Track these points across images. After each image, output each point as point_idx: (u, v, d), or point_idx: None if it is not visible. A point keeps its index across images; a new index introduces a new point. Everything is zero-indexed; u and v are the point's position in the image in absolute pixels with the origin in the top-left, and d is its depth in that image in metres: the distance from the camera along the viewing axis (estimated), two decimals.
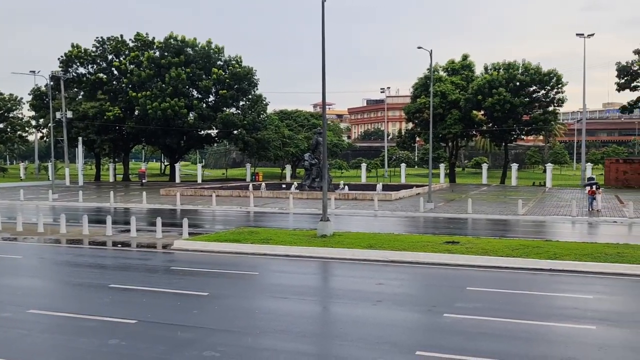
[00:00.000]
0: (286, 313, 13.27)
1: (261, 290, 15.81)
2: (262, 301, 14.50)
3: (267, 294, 15.26)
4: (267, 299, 14.69)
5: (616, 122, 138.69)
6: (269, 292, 15.46)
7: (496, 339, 11.29)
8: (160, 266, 19.63)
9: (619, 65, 60.39)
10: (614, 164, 59.29)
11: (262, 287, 16.39)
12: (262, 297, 14.93)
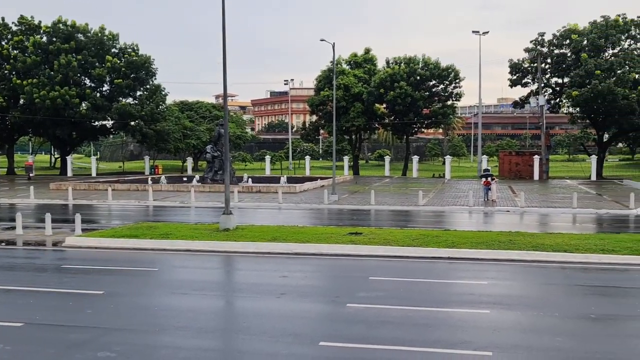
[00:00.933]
0: (187, 309, 13.02)
1: (160, 287, 15.39)
2: (162, 298, 14.13)
3: (166, 291, 14.88)
4: (166, 296, 14.33)
5: (509, 116, 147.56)
6: (169, 289, 15.09)
7: (397, 327, 11.69)
8: (50, 265, 18.59)
9: (511, 63, 64.25)
10: (507, 156, 63.10)
11: (161, 283, 15.96)
12: (162, 294, 14.54)
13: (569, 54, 61.88)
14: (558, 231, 23.37)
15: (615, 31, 59.36)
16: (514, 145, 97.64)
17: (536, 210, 32.42)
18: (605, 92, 54.05)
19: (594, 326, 11.88)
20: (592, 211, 31.77)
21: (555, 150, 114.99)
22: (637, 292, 14.57)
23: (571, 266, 17.42)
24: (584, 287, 15.25)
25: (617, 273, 16.64)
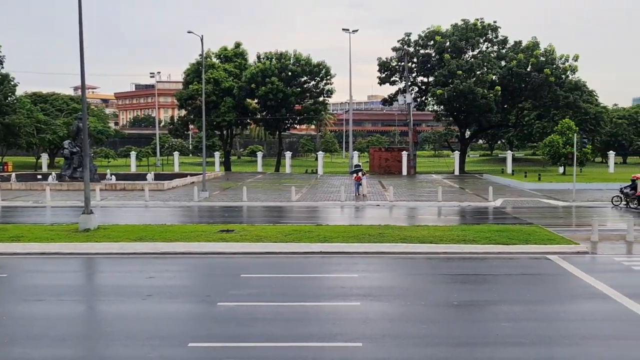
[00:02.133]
0: (42, 316, 12.15)
1: (10, 294, 14.21)
2: (12, 305, 13.06)
3: (18, 298, 13.78)
4: (18, 303, 13.27)
5: (379, 113, 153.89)
6: (21, 295, 13.99)
7: (269, 323, 11.73)
8: None
9: (380, 61, 66.91)
10: (377, 152, 65.77)
11: (11, 290, 14.73)
12: (12, 301, 13.45)
13: (434, 54, 65.63)
14: (425, 224, 24.75)
15: (474, 34, 63.91)
16: (383, 141, 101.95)
17: (404, 204, 34.07)
18: (466, 91, 58.02)
19: (456, 312, 12.72)
20: (455, 204, 33.97)
21: (422, 147, 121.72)
22: (494, 279, 15.80)
23: (436, 256, 18.52)
24: (447, 276, 16.27)
25: (477, 262, 17.94)
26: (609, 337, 10.96)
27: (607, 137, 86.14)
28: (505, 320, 11.99)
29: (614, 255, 18.74)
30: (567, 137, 52.94)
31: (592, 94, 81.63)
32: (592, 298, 13.71)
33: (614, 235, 22.40)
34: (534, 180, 48.36)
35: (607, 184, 43.73)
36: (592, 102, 79.06)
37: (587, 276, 15.63)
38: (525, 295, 13.95)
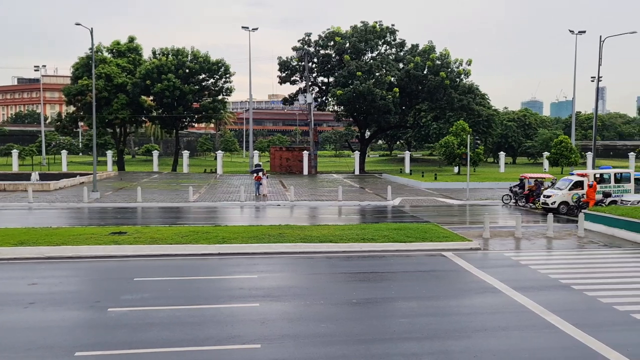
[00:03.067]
0: None
1: None
2: None
3: None
4: None
5: (280, 112, 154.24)
6: None
7: (165, 328, 11.38)
8: None
9: (280, 60, 67.06)
10: (278, 151, 65.84)
11: None
12: None
13: (334, 55, 66.67)
14: (325, 223, 25.06)
15: (373, 36, 65.57)
16: (284, 141, 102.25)
17: (306, 203, 34.31)
18: (365, 92, 59.38)
19: (355, 310, 12.94)
20: (355, 203, 34.67)
21: (323, 146, 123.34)
22: (392, 276, 16.23)
23: (336, 255, 18.77)
24: (347, 274, 16.54)
25: (376, 260, 18.37)
26: (498, 328, 11.57)
27: (498, 139, 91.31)
28: (402, 316, 12.35)
29: (503, 250, 19.84)
30: (461, 138, 55.55)
31: (485, 98, 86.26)
32: (484, 292, 14.42)
33: (504, 232, 23.73)
34: (430, 179, 50.30)
35: (498, 183, 46.34)
36: (485, 105, 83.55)
37: (479, 271, 16.44)
38: (422, 291, 14.45)
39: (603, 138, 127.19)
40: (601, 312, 12.63)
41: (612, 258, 18.75)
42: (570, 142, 62.69)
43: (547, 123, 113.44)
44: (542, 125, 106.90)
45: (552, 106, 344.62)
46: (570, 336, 11.04)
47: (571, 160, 60.74)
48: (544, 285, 14.98)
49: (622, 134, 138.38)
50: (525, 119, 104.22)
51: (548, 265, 17.51)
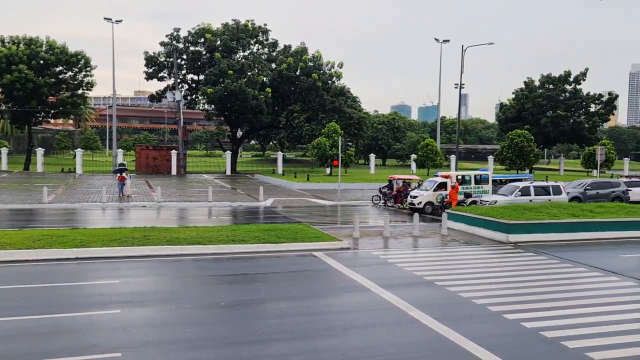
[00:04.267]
0: None
1: None
2: None
3: None
4: None
5: (147, 110, 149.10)
6: None
7: (11, 340, 10.55)
8: None
9: (147, 55, 64.93)
10: (145, 150, 63.61)
11: None
12: None
13: (204, 52, 65.67)
14: (194, 224, 24.56)
15: (245, 35, 65.41)
16: (152, 139, 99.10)
17: (173, 204, 33.42)
18: (237, 91, 59.06)
19: (224, 313, 12.78)
20: (227, 204, 34.31)
21: (194, 146, 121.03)
22: (262, 278, 16.22)
23: (205, 258, 18.44)
24: (216, 277, 16.29)
25: (246, 261, 18.27)
26: (366, 325, 11.93)
27: (369, 141, 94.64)
28: (272, 317, 12.37)
29: (372, 250, 20.55)
30: (333, 140, 56.91)
31: (356, 100, 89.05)
32: (353, 290, 14.82)
33: (373, 231, 24.60)
34: (303, 180, 51.04)
35: (369, 184, 48.03)
36: (356, 107, 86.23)
37: (349, 270, 16.89)
38: (292, 292, 14.58)
39: (465, 142, 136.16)
40: (461, 306, 13.44)
41: (472, 255, 20.06)
42: (435, 145, 66.41)
43: (415, 127, 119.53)
44: (410, 128, 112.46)
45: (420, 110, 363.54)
46: (433, 330, 11.63)
47: (436, 162, 64.37)
48: (409, 282, 15.69)
49: (482, 138, 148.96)
50: (395, 122, 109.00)
51: (414, 263, 18.36)
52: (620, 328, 11.83)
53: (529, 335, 11.44)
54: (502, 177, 38.46)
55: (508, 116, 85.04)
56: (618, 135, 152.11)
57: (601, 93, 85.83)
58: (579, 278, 16.61)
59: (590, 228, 23.81)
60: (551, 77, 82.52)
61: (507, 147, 64.35)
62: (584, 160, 72.26)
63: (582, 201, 32.59)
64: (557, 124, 79.19)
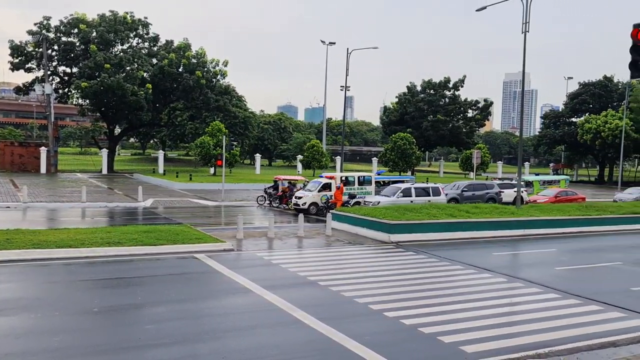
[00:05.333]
0: None
1: None
2: None
3: None
4: None
5: (13, 102, 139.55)
6: None
7: None
8: None
9: (12, 44, 60.84)
10: (10, 147, 59.60)
11: None
12: None
13: (78, 43, 62.62)
14: (65, 226, 23.31)
15: (123, 27, 63.09)
16: (18, 135, 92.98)
17: (42, 205, 31.54)
18: (114, 86, 56.82)
19: (97, 320, 12.21)
20: (102, 205, 32.87)
21: (66, 143, 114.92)
22: (140, 282, 15.69)
23: (77, 261, 17.53)
24: (88, 281, 15.53)
25: (122, 265, 17.57)
26: (248, 327, 11.87)
27: (255, 141, 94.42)
28: (149, 322, 11.99)
29: (256, 251, 20.51)
30: (217, 139, 56.26)
31: (242, 100, 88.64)
32: (235, 292, 14.70)
33: (258, 232, 24.56)
34: (185, 180, 50.04)
35: (254, 185, 47.96)
36: (242, 107, 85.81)
37: (232, 272, 16.74)
38: (171, 295, 14.21)
39: (351, 144, 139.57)
40: (344, 306, 13.73)
41: (355, 255, 20.57)
42: (321, 147, 67.53)
43: (301, 127, 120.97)
44: (296, 129, 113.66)
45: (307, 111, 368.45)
46: (315, 330, 11.78)
47: (322, 163, 65.48)
48: (293, 283, 15.81)
49: (367, 140, 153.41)
50: (281, 122, 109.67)
51: (298, 264, 18.53)
52: (492, 322, 12.60)
53: (407, 331, 11.90)
54: (385, 179, 39.81)
55: (391, 119, 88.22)
56: (493, 140, 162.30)
57: (477, 99, 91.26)
58: (455, 275, 17.52)
59: (466, 228, 25.19)
60: (432, 82, 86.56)
61: (391, 150, 66.70)
62: (461, 163, 76.37)
63: (460, 202, 34.43)
64: (437, 128, 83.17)
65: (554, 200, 37.82)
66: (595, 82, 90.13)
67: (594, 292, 15.58)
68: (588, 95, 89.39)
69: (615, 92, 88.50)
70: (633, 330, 12.32)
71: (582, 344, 11.32)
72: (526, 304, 14.44)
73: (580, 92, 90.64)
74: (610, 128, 75.76)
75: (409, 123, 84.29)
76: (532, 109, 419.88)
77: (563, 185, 46.56)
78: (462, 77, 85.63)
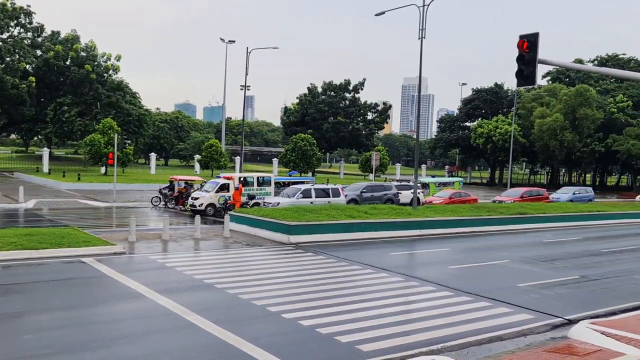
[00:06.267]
0: None
1: None
2: None
3: None
4: None
5: None
6: None
7: None
8: None
9: None
10: None
11: None
12: None
13: None
14: None
15: (3, 15, 59.52)
16: None
17: None
18: None
19: None
20: None
21: None
22: (19, 288, 14.78)
23: None
24: None
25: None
26: (140, 333, 11.49)
27: (150, 140, 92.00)
28: (29, 332, 11.32)
29: (150, 254, 19.94)
30: (109, 137, 54.28)
31: (136, 96, 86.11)
32: (127, 298, 14.20)
33: (152, 234, 23.89)
34: (73, 180, 47.92)
35: (149, 185, 46.68)
36: (136, 104, 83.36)
37: (123, 276, 16.16)
38: (55, 303, 13.51)
39: (251, 144, 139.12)
40: (241, 308, 13.61)
41: (254, 256, 20.47)
42: (220, 146, 66.81)
43: (199, 127, 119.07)
44: (195, 128, 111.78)
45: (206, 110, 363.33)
46: (211, 334, 11.59)
47: (221, 163, 64.79)
48: (188, 287, 15.48)
49: (268, 140, 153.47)
50: (178, 121, 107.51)
51: (194, 267, 18.18)
52: (387, 320, 12.92)
53: (305, 332, 11.96)
54: (285, 180, 39.93)
55: (292, 120, 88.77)
56: (392, 142, 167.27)
57: (377, 102, 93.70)
58: (353, 275, 17.83)
59: (365, 228, 25.72)
60: (333, 84, 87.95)
61: (292, 150, 67.05)
62: (361, 164, 78.05)
63: (359, 203, 35.14)
64: (338, 130, 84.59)
65: (448, 202, 39.55)
66: (487, 88, 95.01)
67: (484, 289, 16.36)
68: (481, 101, 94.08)
69: (505, 98, 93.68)
70: (518, 324, 13.05)
71: (472, 339, 11.85)
72: (421, 302, 14.94)
73: (473, 97, 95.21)
74: (501, 133, 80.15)
75: (310, 124, 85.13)
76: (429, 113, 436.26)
77: (457, 187, 48.73)
78: (362, 80, 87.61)
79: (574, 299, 15.74)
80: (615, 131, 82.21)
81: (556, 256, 22.86)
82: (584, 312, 14.22)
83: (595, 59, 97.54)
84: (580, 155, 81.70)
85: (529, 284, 17.25)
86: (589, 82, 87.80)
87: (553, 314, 14.01)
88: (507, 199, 42.75)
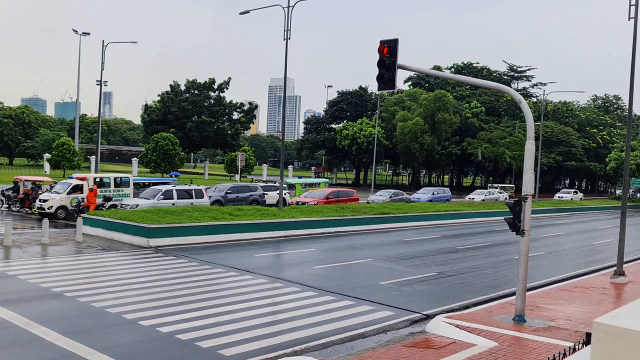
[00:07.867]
0: None
1: None
2: None
3: None
4: None
5: None
6: None
7: None
8: None
9: None
10: None
11: None
12: None
13: None
14: None
15: None
16: None
17: None
18: None
19: None
20: None
21: None
22: None
23: None
24: None
25: None
26: None
27: None
28: None
29: None
30: None
31: None
32: None
33: None
34: None
35: None
36: None
37: None
38: None
39: (109, 142, 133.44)
40: (93, 317, 12.87)
41: (109, 261, 19.53)
42: (73, 145, 63.40)
43: (50, 123, 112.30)
44: (44, 125, 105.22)
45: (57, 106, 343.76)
46: (59, 346, 10.84)
47: (74, 163, 61.51)
48: (33, 296, 14.42)
49: (127, 139, 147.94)
50: (25, 117, 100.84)
51: (40, 274, 16.99)
52: (251, 323, 12.79)
53: (164, 339, 11.53)
54: (145, 180, 38.58)
55: (153, 118, 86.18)
56: (259, 143, 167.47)
57: (243, 102, 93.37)
58: (217, 279, 17.52)
59: (229, 230, 25.43)
60: (197, 82, 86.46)
61: (153, 150, 65.03)
62: (227, 165, 77.31)
63: (224, 204, 34.73)
64: (202, 129, 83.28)
65: (325, 202, 38.98)
66: (352, 91, 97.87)
67: (347, 287, 16.72)
68: (346, 104, 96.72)
69: (369, 101, 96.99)
70: (379, 321, 13.46)
71: (335, 338, 12.04)
72: (286, 303, 14.97)
73: (338, 100, 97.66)
74: (365, 135, 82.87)
75: (172, 123, 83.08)
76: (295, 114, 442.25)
77: (323, 187, 49.53)
78: (228, 79, 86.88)
79: (432, 295, 16.52)
80: (470, 135, 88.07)
81: (416, 254, 23.92)
82: (440, 307, 14.95)
83: (452, 66, 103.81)
84: (439, 158, 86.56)
85: (390, 282, 17.87)
86: (447, 88, 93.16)
87: (412, 309, 14.60)
88: (311, 201, 39.57)
